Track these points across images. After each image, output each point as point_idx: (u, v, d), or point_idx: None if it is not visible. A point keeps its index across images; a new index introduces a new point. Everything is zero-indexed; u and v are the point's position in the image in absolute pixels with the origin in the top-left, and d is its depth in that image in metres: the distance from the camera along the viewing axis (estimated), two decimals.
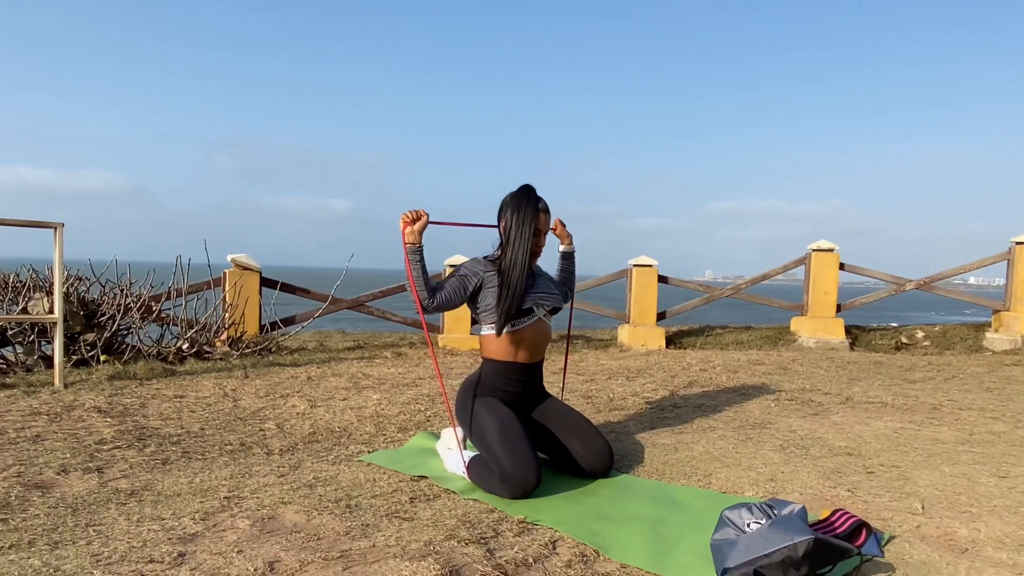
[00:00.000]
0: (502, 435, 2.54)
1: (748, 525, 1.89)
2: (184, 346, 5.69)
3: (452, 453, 2.78)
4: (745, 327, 9.16)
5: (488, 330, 2.76)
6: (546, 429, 2.76)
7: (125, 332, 5.76)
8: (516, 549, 2.02)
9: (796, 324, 8.56)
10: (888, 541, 2.09)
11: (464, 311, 7.68)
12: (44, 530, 2.07)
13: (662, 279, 8.28)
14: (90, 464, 2.78)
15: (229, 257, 7.07)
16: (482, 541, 2.07)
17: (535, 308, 2.73)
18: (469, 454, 2.71)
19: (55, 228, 4.37)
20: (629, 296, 8.20)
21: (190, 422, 3.57)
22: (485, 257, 2.82)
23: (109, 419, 3.53)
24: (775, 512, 1.89)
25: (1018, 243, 8.15)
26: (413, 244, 2.63)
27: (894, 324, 10.20)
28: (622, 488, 2.59)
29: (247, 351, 5.84)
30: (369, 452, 3.06)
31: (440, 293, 2.66)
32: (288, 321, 7.14)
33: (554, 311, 2.87)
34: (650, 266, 8.18)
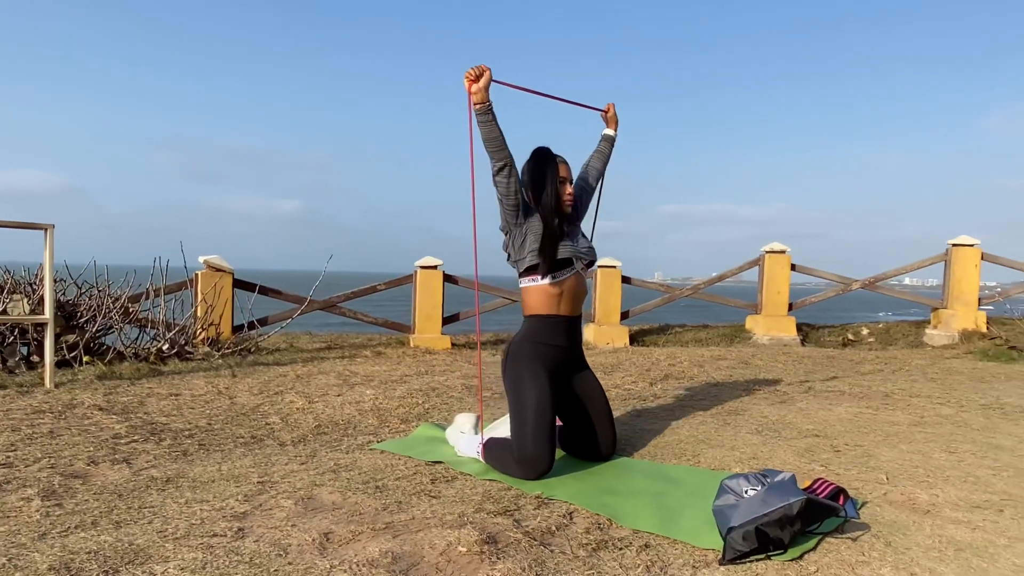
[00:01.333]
0: (535, 417, 2.68)
1: (746, 492, 2.16)
2: (164, 347, 5.74)
3: (465, 436, 2.99)
4: (703, 325, 9.57)
5: (530, 282, 2.85)
6: (583, 409, 2.92)
7: (104, 333, 5.78)
8: (539, 519, 2.25)
9: (751, 322, 9.00)
10: (862, 506, 2.39)
11: (434, 310, 7.87)
12: (101, 512, 2.21)
13: (625, 280, 8.62)
14: (115, 456, 2.90)
15: (201, 259, 7.12)
16: (507, 513, 2.30)
17: (575, 260, 2.87)
18: (482, 436, 2.92)
19: (46, 229, 4.42)
20: (594, 296, 8.51)
21: (195, 418, 3.69)
22: None
23: (114, 416, 3.63)
24: (769, 480, 2.17)
25: (955, 245, 8.74)
26: (482, 103, 2.67)
27: (838, 323, 10.77)
28: (623, 468, 2.85)
29: (228, 351, 5.92)
30: (378, 441, 3.24)
31: (514, 168, 2.74)
32: (262, 322, 7.21)
33: (589, 265, 2.99)
34: (614, 267, 8.51)
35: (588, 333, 8.43)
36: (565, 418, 2.97)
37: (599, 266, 8.49)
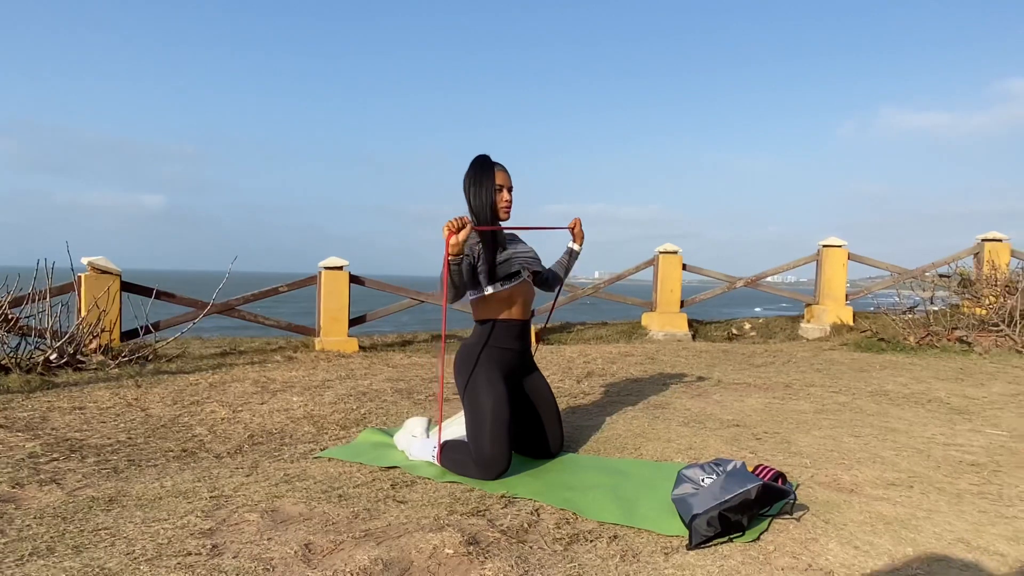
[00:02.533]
0: (493, 419, 2.74)
1: (703, 480, 2.32)
2: (52, 356, 5.32)
3: (417, 441, 3.01)
4: (602, 323, 9.92)
5: (477, 294, 2.93)
6: (533, 409, 3.01)
7: None
8: (509, 518, 2.32)
9: (646, 319, 9.43)
10: (797, 487, 2.62)
11: (341, 312, 7.73)
12: (53, 537, 2.07)
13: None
14: (40, 477, 2.70)
15: (85, 260, 6.64)
16: (478, 514, 2.35)
17: (521, 271, 2.97)
18: (435, 441, 2.94)
19: None
20: None
21: (111, 432, 3.48)
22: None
23: (20, 433, 3.36)
24: (722, 468, 2.34)
25: (825, 246, 9.53)
26: (456, 256, 2.65)
27: (722, 318, 11.47)
28: (574, 464, 2.96)
29: (125, 360, 5.56)
30: (321, 449, 3.19)
31: (464, 286, 2.77)
32: (154, 327, 6.79)
33: (536, 276, 3.08)
34: None
35: None
36: (516, 418, 3.04)
37: None
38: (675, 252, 9.32)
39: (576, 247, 3.34)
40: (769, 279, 10.74)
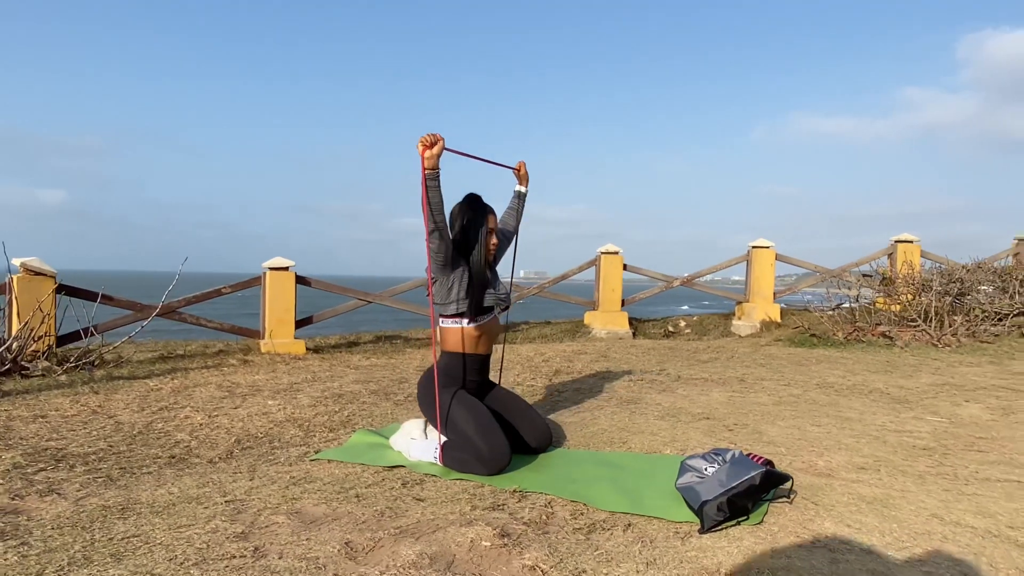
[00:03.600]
0: (477, 423, 2.89)
1: (705, 469, 2.50)
2: None
3: (417, 442, 3.07)
4: (546, 322, 10.12)
5: (452, 323, 3.06)
6: (501, 416, 3.15)
7: None
8: (527, 511, 2.44)
9: (589, 318, 9.68)
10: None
11: (287, 314, 7.61)
12: (83, 547, 2.05)
13: None
14: (35, 488, 2.63)
15: (17, 261, 6.32)
16: (498, 508, 2.45)
17: (495, 306, 3.12)
18: (435, 442, 3.02)
19: None
20: None
21: (88, 440, 3.38)
22: None
23: None
24: (723, 458, 2.53)
25: (755, 247, 10.03)
26: (432, 170, 2.81)
27: (658, 317, 11.89)
28: (567, 459, 3.10)
29: (72, 366, 5.34)
30: (316, 452, 3.21)
31: (445, 231, 2.90)
32: (81, 334, 6.46)
33: (504, 309, 3.26)
34: None
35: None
36: None
37: None
38: (616, 253, 9.61)
39: (523, 189, 3.53)
40: (703, 279, 11.20)
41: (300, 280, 7.83)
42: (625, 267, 9.74)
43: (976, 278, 8.12)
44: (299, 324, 7.84)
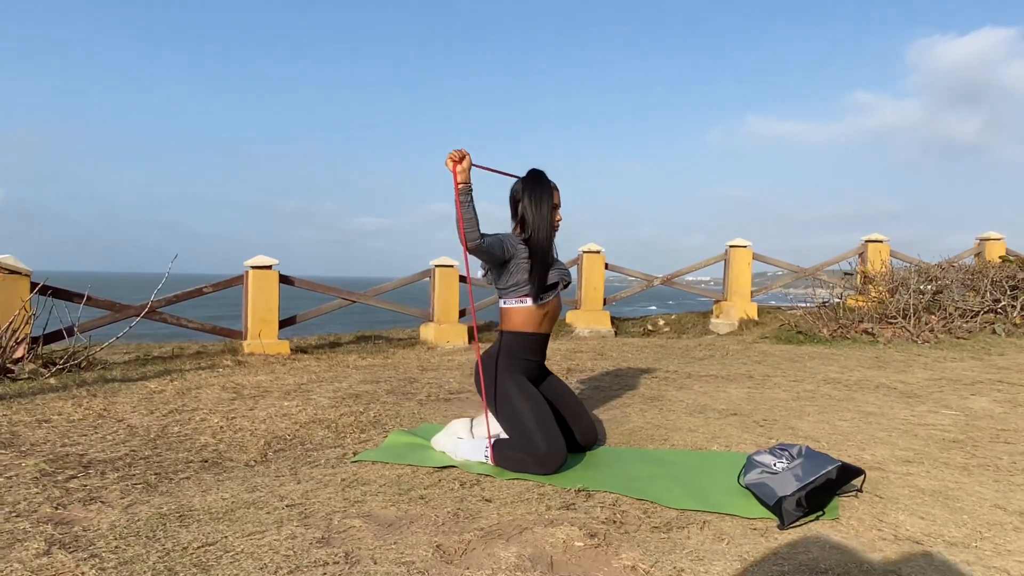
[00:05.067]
0: (537, 418, 2.83)
1: (775, 465, 2.50)
2: None
3: (464, 442, 3.00)
4: None
5: (517, 303, 2.99)
6: (556, 409, 3.09)
7: None
8: (600, 511, 2.40)
9: (572, 317, 9.68)
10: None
11: (270, 314, 7.41)
12: (159, 558, 1.93)
13: (462, 278, 8.80)
14: (74, 497, 2.48)
15: None
16: (570, 508, 2.41)
17: (559, 283, 3.05)
18: (483, 441, 2.95)
19: None
20: (433, 295, 8.58)
21: (107, 446, 3.22)
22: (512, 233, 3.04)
23: (4, 451, 3.04)
24: (790, 453, 2.53)
25: (732, 246, 10.18)
26: (466, 183, 2.76)
27: (635, 316, 11.97)
28: (616, 456, 3.07)
29: (60, 368, 5.09)
30: (354, 453, 3.11)
31: (486, 239, 2.82)
32: (68, 332, 6.18)
33: (566, 285, 3.19)
34: (451, 266, 8.65)
35: (428, 332, 8.48)
36: None
37: (436, 265, 8.60)
38: (598, 252, 9.64)
39: None
40: (683, 277, 11.32)
41: (283, 279, 7.64)
42: (607, 266, 9.77)
43: (949, 276, 8.39)
44: (281, 324, 7.65)
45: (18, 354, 5.17)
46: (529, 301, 2.99)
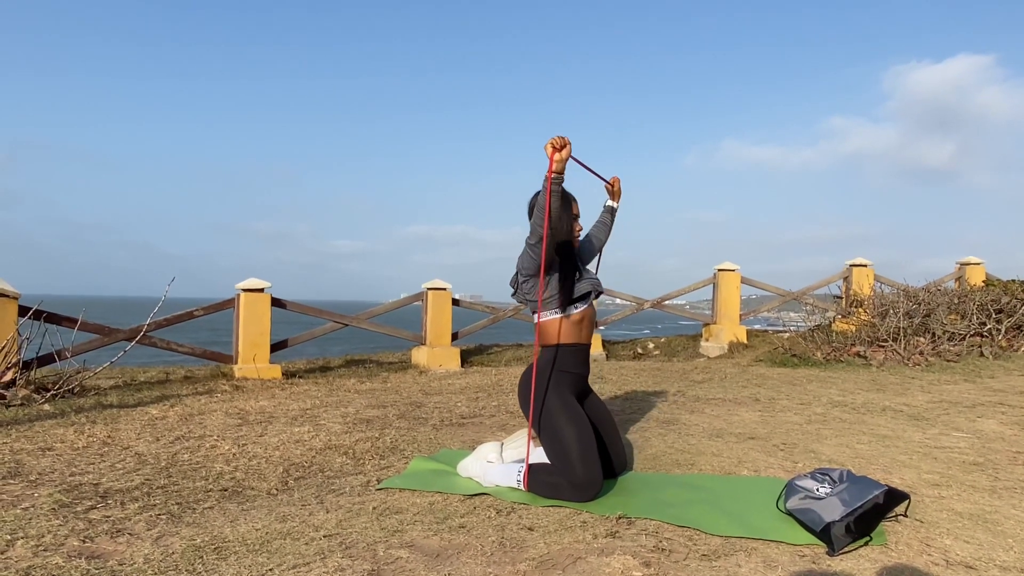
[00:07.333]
0: (580, 443, 2.76)
1: (817, 490, 2.48)
2: None
3: (494, 467, 2.94)
4: (517, 344, 10.05)
5: (552, 315, 2.96)
6: (597, 431, 3.00)
7: None
8: (645, 538, 2.36)
9: None
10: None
11: (262, 337, 7.28)
12: None
13: (455, 301, 8.75)
14: (102, 528, 2.38)
15: None
16: (615, 536, 2.36)
17: (592, 292, 3.03)
18: (515, 466, 2.89)
19: None
20: (425, 318, 8.52)
21: (118, 475, 3.10)
22: None
23: (12, 481, 2.93)
24: (831, 477, 2.51)
25: (721, 270, 10.27)
26: (560, 174, 2.70)
27: (624, 340, 11.99)
28: (647, 482, 3.03)
29: (53, 394, 4.93)
30: (378, 481, 3.04)
31: (553, 221, 2.77)
32: (49, 358, 5.97)
33: (599, 295, 3.17)
34: (444, 289, 8.61)
35: (419, 356, 8.41)
36: None
37: (428, 288, 8.54)
38: None
39: (615, 204, 3.49)
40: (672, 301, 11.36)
41: (275, 302, 7.52)
42: None
43: (936, 300, 8.53)
44: (273, 348, 7.52)
45: (6, 378, 5.00)
46: (563, 312, 2.97)
